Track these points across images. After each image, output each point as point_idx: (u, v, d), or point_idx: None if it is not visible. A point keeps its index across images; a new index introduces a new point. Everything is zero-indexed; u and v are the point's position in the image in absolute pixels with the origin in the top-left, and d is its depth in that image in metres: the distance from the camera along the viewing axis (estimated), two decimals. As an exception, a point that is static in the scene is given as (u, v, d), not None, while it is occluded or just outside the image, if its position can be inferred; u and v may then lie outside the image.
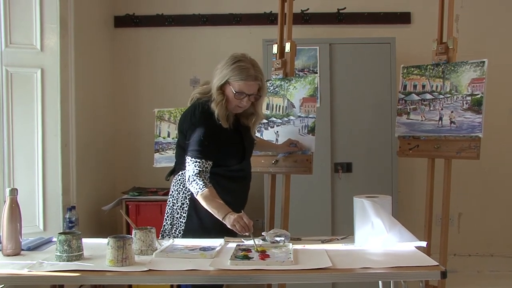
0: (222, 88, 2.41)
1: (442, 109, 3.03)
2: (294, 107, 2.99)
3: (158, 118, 3.93)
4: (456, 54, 3.05)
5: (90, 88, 3.98)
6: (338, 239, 2.27)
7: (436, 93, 3.08)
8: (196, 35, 4.52)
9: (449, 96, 3.00)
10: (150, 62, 4.55)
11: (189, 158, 2.37)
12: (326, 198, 3.96)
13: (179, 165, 2.51)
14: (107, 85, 4.45)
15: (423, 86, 3.15)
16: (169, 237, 2.42)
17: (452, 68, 3.01)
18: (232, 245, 2.16)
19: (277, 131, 3.00)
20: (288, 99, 3.02)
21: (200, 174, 2.33)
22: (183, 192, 2.47)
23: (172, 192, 2.54)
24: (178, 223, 2.47)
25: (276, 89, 3.09)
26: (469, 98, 2.91)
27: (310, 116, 2.92)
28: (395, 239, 2.06)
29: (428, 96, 3.11)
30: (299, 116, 2.96)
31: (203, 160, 2.35)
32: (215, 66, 2.74)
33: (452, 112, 2.97)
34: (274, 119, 3.05)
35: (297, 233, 2.34)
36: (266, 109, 3.07)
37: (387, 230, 2.05)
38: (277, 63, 3.15)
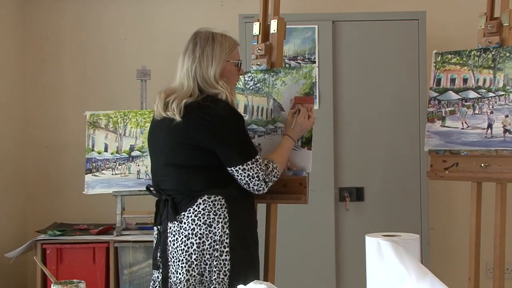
0: (222, 74, 2.69)
1: (492, 112, 3.01)
2: (283, 110, 2.99)
3: (91, 124, 3.90)
4: (513, 34, 3.09)
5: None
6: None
7: (484, 90, 3.07)
8: (146, 9, 4.52)
9: (503, 94, 2.99)
10: (79, 47, 4.54)
11: (242, 166, 2.62)
12: (328, 237, 3.96)
13: (193, 192, 2.64)
14: (16, 78, 4.44)
15: (465, 80, 3.14)
16: None
17: (508, 54, 3.00)
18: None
19: (259, 144, 2.98)
20: (274, 99, 3.02)
21: (266, 171, 2.67)
22: (218, 221, 2.61)
23: (194, 230, 2.62)
24: (220, 264, 2.61)
25: (258, 84, 3.09)
26: (532, 96, 2.97)
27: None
28: (426, 295, 2.00)
29: (472, 94, 3.11)
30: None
31: (257, 157, 2.67)
32: (171, 52, 2.72)
33: (507, 116, 2.95)
34: (255, 126, 3.04)
35: (287, 287, 2.33)
36: (244, 113, 3.07)
37: (413, 282, 1.97)
38: (259, 49, 3.15)
